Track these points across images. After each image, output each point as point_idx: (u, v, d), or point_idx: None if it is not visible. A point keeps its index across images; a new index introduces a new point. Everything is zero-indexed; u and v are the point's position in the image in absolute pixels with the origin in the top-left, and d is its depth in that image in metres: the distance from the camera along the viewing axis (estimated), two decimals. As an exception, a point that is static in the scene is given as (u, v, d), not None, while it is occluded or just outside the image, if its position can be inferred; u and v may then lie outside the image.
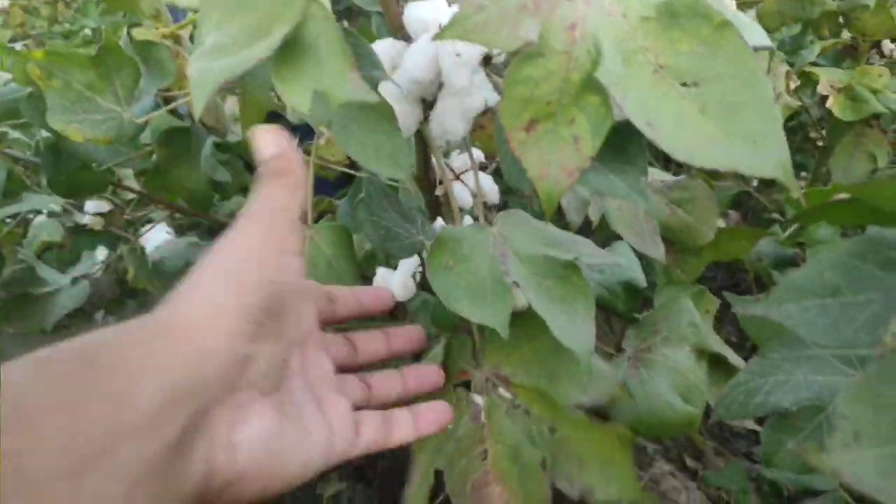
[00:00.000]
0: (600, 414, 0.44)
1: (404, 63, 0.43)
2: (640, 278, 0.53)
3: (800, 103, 0.95)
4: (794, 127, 1.19)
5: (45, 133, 0.66)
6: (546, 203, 0.33)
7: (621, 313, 0.54)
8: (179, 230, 0.93)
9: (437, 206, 0.58)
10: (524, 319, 0.39)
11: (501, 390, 0.41)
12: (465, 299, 0.39)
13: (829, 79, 1.01)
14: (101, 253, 0.88)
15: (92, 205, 0.79)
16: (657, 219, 0.57)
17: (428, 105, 0.46)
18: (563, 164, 0.32)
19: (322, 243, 0.46)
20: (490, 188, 0.57)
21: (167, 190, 0.72)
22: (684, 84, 0.32)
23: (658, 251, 0.55)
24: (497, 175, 0.62)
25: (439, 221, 0.53)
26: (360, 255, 0.57)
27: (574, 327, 0.37)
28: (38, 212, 0.83)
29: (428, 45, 0.42)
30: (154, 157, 0.69)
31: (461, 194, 0.59)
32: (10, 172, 0.65)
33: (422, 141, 0.50)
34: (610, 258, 0.48)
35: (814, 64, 1.24)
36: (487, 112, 0.46)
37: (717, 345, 0.54)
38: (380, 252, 0.50)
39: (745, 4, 1.16)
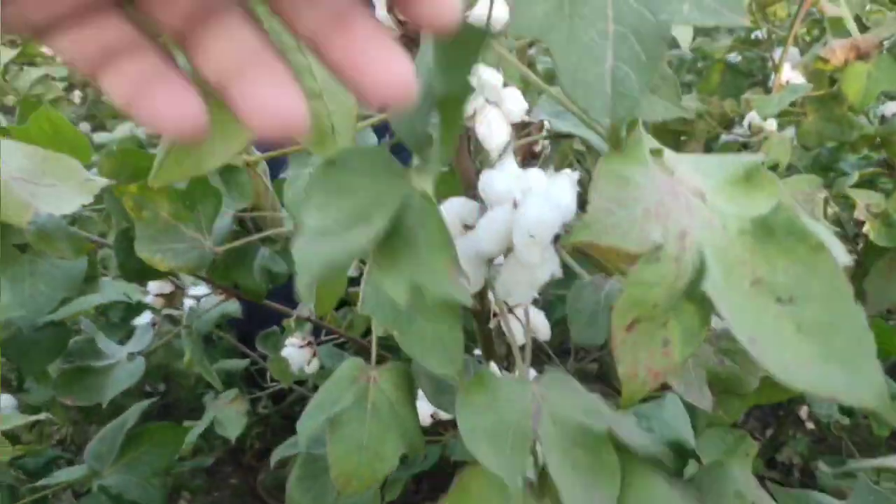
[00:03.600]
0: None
1: (478, 231, 0.45)
2: (689, 437, 0.53)
3: (837, 229, 0.96)
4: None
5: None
6: (626, 401, 0.34)
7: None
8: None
9: (490, 338, 0.58)
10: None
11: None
12: (485, 443, 0.39)
13: (865, 202, 1.02)
14: (146, 317, 0.89)
15: (155, 285, 0.81)
16: (705, 367, 0.57)
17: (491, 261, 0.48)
18: (652, 365, 0.33)
19: (385, 386, 0.47)
20: (542, 324, 0.58)
21: (227, 281, 0.74)
22: (780, 300, 0.32)
23: (706, 402, 0.56)
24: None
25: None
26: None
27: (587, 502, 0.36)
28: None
29: (502, 219, 0.43)
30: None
31: (514, 327, 0.59)
32: (90, 260, 0.68)
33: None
34: (657, 415, 0.49)
35: (847, 174, 1.26)
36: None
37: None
38: (432, 402, 0.50)
39: (785, 122, 1.18)
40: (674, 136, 1.31)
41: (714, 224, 0.33)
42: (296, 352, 0.86)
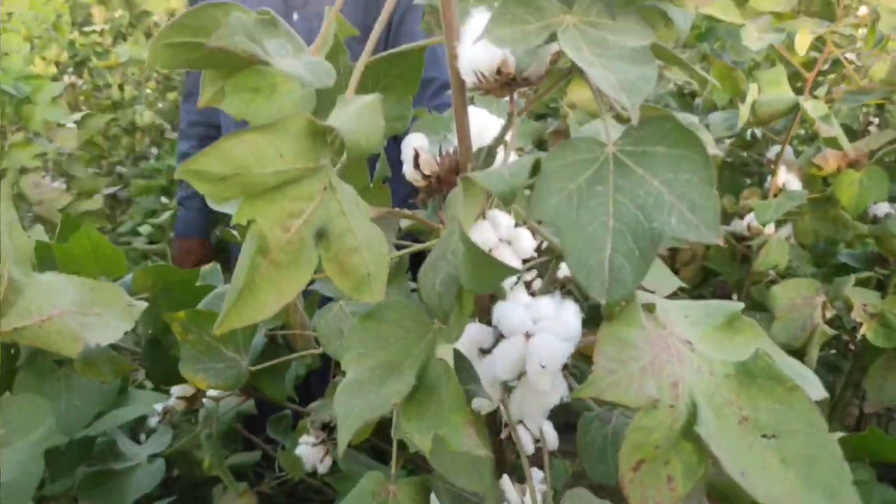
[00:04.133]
0: None
1: (494, 358, 0.50)
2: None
3: (835, 331, 1.00)
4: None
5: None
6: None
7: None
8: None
9: (501, 449, 0.62)
10: None
11: None
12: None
13: (861, 302, 1.07)
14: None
15: (178, 389, 0.85)
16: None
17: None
18: (659, 499, 0.37)
19: (404, 501, 0.50)
20: (551, 435, 0.62)
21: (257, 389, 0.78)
22: (765, 436, 0.37)
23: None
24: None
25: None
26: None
27: None
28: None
29: (516, 349, 0.48)
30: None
31: (524, 438, 0.63)
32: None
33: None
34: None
35: (844, 266, 1.31)
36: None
37: None
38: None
39: (783, 220, 1.23)
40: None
41: (702, 370, 0.38)
42: (310, 450, 0.89)
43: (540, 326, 0.52)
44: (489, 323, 0.55)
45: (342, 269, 0.41)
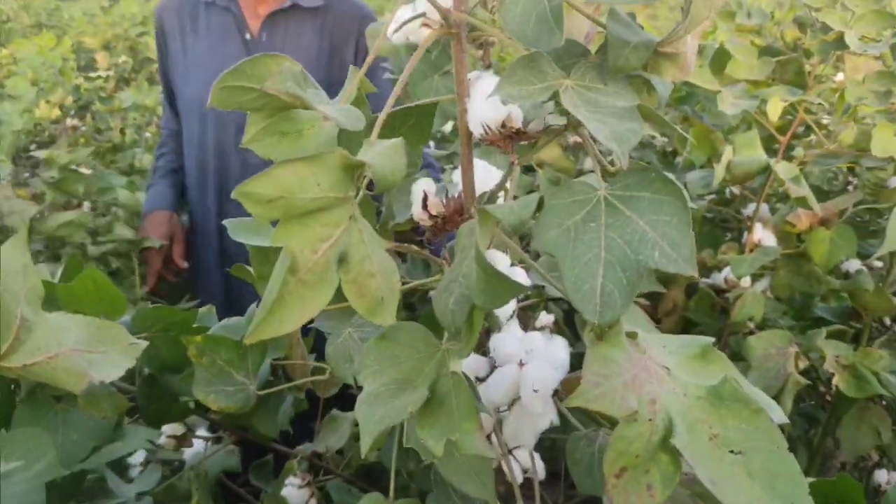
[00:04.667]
0: None
1: (489, 385, 0.55)
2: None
3: (808, 381, 1.06)
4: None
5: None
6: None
7: None
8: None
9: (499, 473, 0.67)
10: None
11: None
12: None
13: (834, 354, 1.12)
14: (140, 455, 0.93)
15: (169, 428, 0.87)
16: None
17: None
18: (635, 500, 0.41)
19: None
20: (539, 467, 0.66)
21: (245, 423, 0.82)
22: (732, 451, 0.42)
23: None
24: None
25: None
26: None
27: None
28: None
29: (510, 376, 0.53)
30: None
31: (515, 469, 0.68)
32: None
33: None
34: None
35: (821, 319, 1.37)
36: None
37: None
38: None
39: (758, 274, 1.29)
40: (659, 281, 1.43)
41: (677, 391, 0.43)
42: (295, 492, 0.91)
43: (532, 356, 0.57)
44: (485, 354, 0.61)
45: (360, 291, 0.46)
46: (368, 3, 1.69)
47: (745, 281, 1.22)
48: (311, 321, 0.73)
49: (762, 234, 1.29)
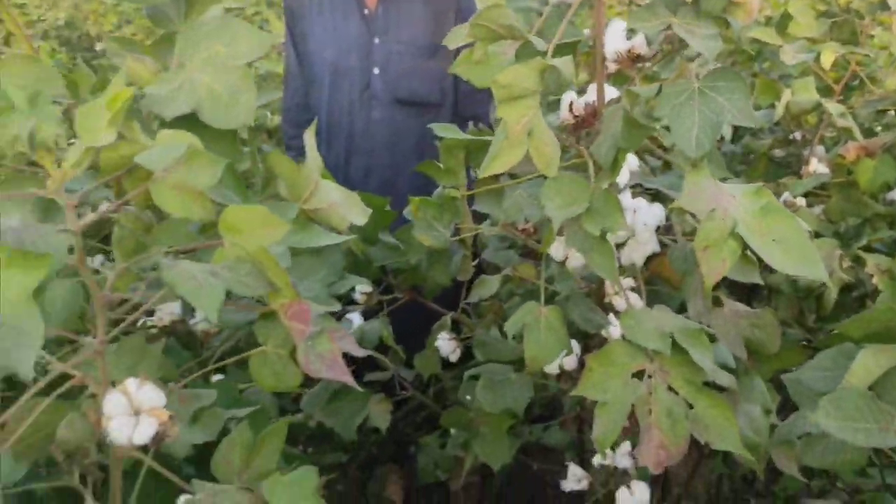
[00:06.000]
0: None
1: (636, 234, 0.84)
2: (731, 363, 0.88)
3: (850, 278, 1.31)
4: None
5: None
6: (707, 283, 0.71)
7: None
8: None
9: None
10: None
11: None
12: None
13: (875, 262, 1.37)
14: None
15: (363, 287, 1.20)
16: (741, 334, 0.93)
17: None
18: (718, 269, 0.70)
19: (552, 320, 0.84)
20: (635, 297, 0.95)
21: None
22: (774, 241, 0.70)
23: (741, 351, 0.91)
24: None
25: None
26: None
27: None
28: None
29: (645, 230, 0.82)
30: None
31: (617, 302, 0.97)
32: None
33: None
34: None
35: (871, 248, 1.61)
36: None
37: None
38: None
39: (816, 201, 1.54)
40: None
41: (739, 207, 0.72)
42: (446, 343, 1.22)
43: (640, 207, 0.87)
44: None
45: (538, 153, 0.76)
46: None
47: (801, 202, 1.47)
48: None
49: (817, 167, 1.53)
